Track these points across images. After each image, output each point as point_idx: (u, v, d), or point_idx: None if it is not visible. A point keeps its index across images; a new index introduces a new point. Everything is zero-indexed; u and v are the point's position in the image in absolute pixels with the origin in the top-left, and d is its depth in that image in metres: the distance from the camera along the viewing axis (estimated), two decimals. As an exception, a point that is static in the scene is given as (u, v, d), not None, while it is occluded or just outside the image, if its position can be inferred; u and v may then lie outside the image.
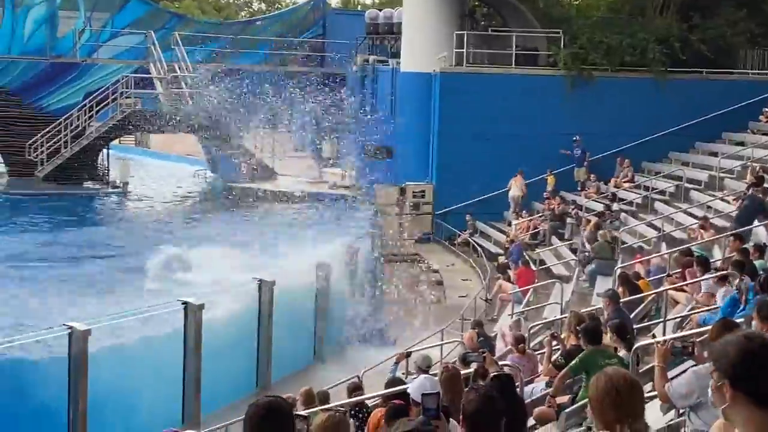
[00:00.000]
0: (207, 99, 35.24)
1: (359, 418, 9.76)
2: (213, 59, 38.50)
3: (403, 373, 13.41)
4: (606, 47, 29.73)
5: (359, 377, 13.89)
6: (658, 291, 14.53)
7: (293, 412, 4.67)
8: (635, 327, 12.32)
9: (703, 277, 13.40)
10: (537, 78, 29.79)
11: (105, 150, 37.04)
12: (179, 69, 35.72)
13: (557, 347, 11.21)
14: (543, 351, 11.95)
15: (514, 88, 29.09)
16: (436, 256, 27.60)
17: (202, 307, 16.23)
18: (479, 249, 26.27)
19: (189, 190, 39.24)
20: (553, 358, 10.77)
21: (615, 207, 25.07)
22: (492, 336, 16.25)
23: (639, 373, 8.91)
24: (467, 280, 24.83)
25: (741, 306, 10.32)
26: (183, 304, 16.30)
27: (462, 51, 29.53)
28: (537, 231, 26.31)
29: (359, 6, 57.58)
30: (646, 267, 17.62)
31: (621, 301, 12.77)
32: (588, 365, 9.15)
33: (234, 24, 44.72)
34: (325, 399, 12.10)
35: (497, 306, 21.40)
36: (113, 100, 35.40)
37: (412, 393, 6.41)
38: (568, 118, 28.87)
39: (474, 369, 8.61)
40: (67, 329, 14.20)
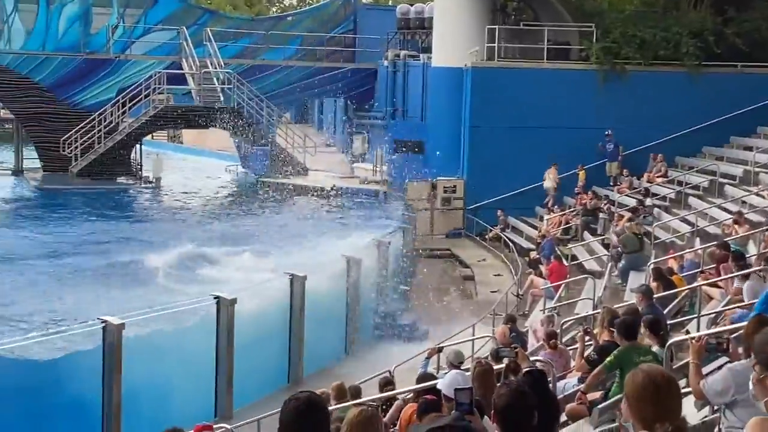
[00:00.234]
0: (238, 95, 35.43)
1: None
2: (244, 55, 38.64)
3: (435, 369, 13.41)
4: (639, 41, 29.46)
5: (391, 372, 13.90)
6: (692, 286, 14.39)
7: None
8: (668, 323, 12.22)
9: (736, 273, 13.24)
10: (569, 72, 29.57)
11: (138, 145, 37.31)
12: (211, 65, 35.92)
13: (590, 343, 11.15)
14: (575, 347, 11.87)
15: (545, 82, 28.95)
16: (467, 251, 27.57)
17: (234, 302, 16.28)
18: (511, 244, 26.18)
19: (221, 185, 39.46)
20: (586, 353, 10.70)
21: (648, 202, 24.87)
22: (524, 331, 16.19)
23: (673, 370, 8.83)
24: (499, 275, 24.78)
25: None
26: (215, 298, 16.37)
27: (494, 45, 29.42)
28: (569, 226, 26.18)
29: (390, 1, 57.50)
30: (679, 262, 17.45)
31: (654, 297, 12.66)
32: (623, 362, 9.06)
33: (265, 20, 44.78)
34: (357, 394, 12.12)
35: (529, 301, 21.32)
36: (146, 96, 35.63)
37: (443, 388, 6.40)
38: (600, 113, 28.68)
39: (506, 364, 8.56)
40: (102, 323, 14.33)
